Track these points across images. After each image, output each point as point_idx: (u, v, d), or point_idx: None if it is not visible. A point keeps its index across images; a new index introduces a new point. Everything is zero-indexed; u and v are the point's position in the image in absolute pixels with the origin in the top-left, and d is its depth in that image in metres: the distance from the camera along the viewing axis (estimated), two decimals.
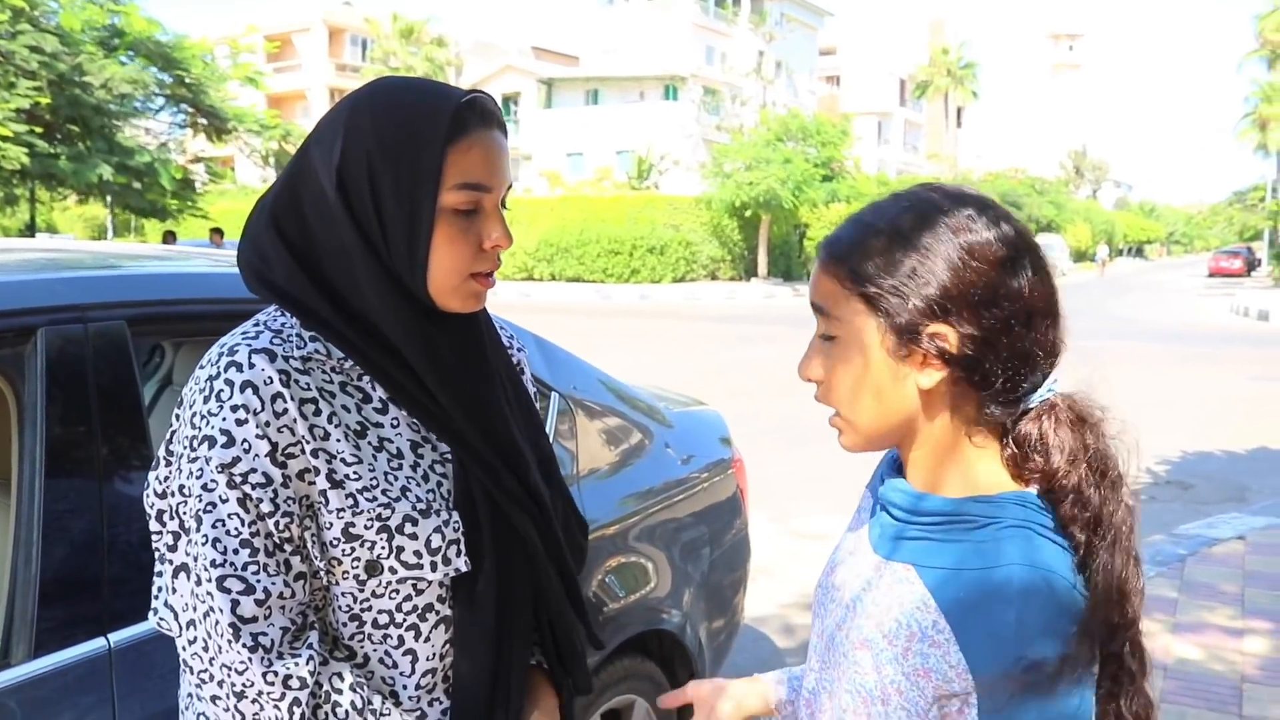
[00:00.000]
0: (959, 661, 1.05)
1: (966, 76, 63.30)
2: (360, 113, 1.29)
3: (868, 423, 1.15)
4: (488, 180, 1.30)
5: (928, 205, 1.13)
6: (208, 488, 1.24)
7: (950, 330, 1.08)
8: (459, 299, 1.33)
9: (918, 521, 1.15)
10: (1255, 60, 47.28)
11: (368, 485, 1.29)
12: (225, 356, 1.27)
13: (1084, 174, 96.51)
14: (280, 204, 1.33)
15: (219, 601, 1.22)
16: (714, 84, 49.93)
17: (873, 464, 1.32)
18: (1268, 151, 51.28)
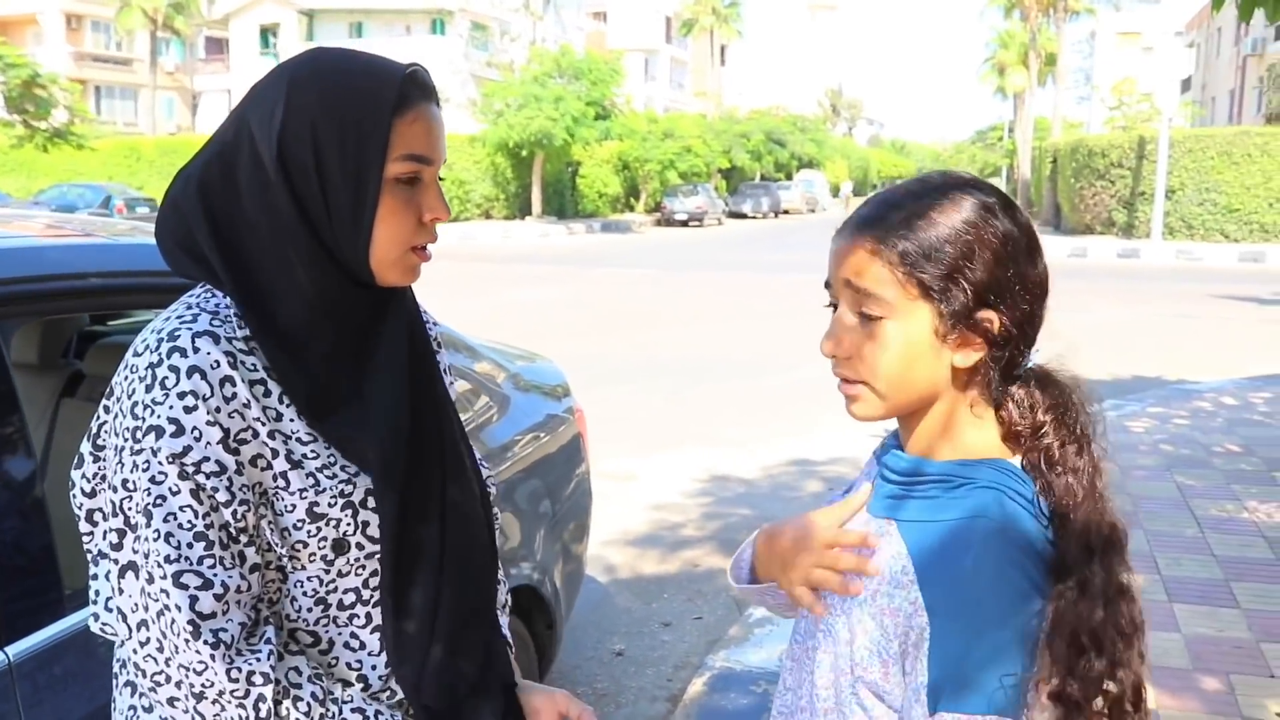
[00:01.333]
0: (917, 598, 1.15)
1: (731, 15, 64.27)
2: (303, 83, 1.27)
3: (898, 396, 1.20)
4: (429, 152, 1.30)
5: (962, 193, 1.20)
6: (156, 480, 1.19)
7: (996, 315, 1.16)
8: (398, 271, 1.32)
9: (900, 481, 1.25)
10: (995, 8, 50.15)
11: (326, 463, 1.27)
12: (166, 342, 1.21)
13: (840, 112, 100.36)
14: (210, 175, 1.28)
15: (175, 599, 1.17)
16: (483, 18, 49.03)
17: (666, 404, 1.38)
18: (1005, 94, 54.74)
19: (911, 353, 1.17)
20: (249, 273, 1.26)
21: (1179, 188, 26.92)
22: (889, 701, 1.18)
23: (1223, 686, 3.55)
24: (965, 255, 1.15)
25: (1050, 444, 1.20)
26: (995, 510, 1.17)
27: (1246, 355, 10.76)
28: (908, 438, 1.26)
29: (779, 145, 55.25)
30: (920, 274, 1.16)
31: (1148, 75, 49.18)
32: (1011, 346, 1.18)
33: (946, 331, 1.17)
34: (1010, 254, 1.17)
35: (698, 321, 13.95)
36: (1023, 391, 1.22)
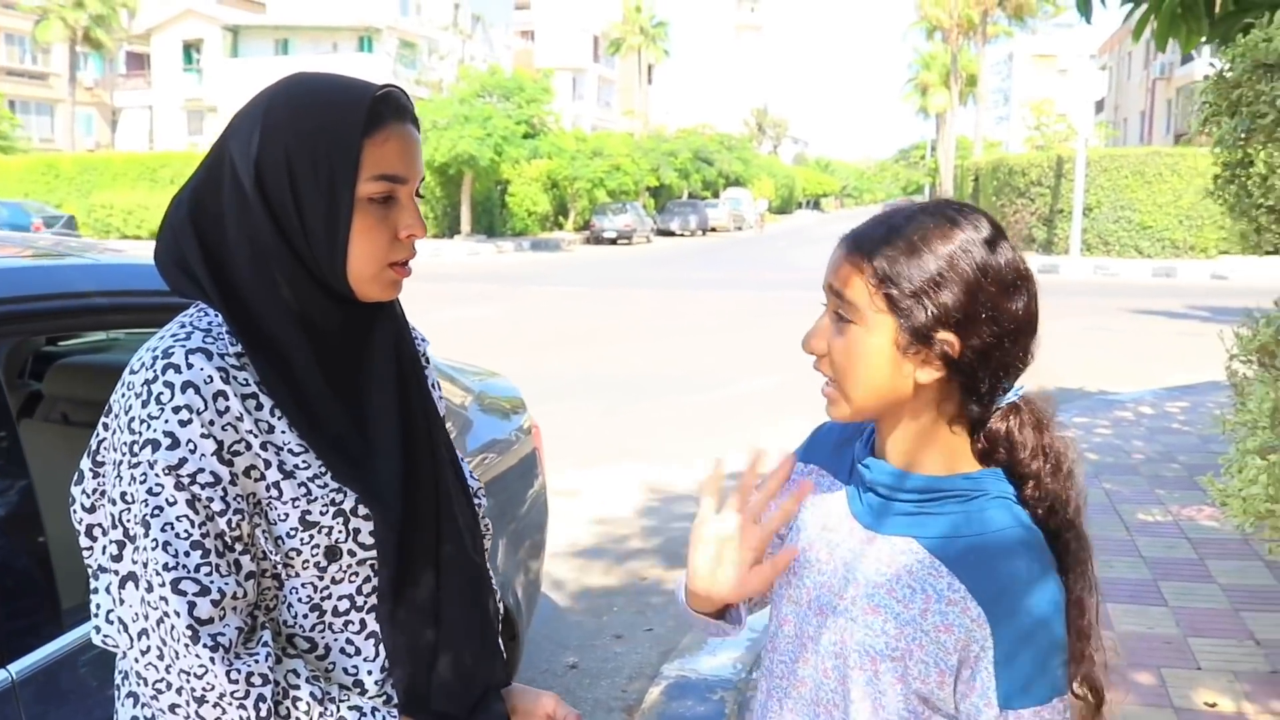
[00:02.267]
0: (978, 614, 1.23)
1: (659, 35, 64.87)
2: (277, 107, 1.32)
3: (862, 400, 1.28)
4: (403, 172, 1.34)
5: (952, 223, 1.26)
6: (153, 491, 1.23)
7: (957, 340, 1.22)
8: (378, 287, 1.37)
9: (904, 497, 1.30)
10: (917, 30, 51.20)
11: (318, 473, 1.32)
12: (161, 359, 1.26)
13: (765, 130, 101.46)
14: (198, 199, 1.34)
15: (174, 605, 1.21)
16: (411, 37, 48.78)
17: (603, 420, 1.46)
18: (928, 114, 55.87)
19: (872, 360, 1.25)
20: (237, 291, 1.31)
21: (1096, 205, 27.68)
22: (942, 708, 1.27)
23: (1155, 680, 3.72)
24: (934, 279, 1.22)
25: (1028, 473, 1.29)
26: (1016, 518, 1.27)
27: (1163, 366, 11.13)
28: (888, 448, 1.32)
29: (706, 163, 55.66)
30: (888, 289, 1.23)
31: (1063, 96, 50.54)
32: (974, 373, 1.24)
33: (906, 346, 1.23)
34: (982, 286, 1.22)
35: (631, 338, 14.04)
36: (1001, 424, 1.29)
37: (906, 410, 1.28)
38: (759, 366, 11.72)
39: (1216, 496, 3.39)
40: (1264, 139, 3.75)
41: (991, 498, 1.28)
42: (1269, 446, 3.30)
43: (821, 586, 1.36)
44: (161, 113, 54.55)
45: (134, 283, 2.12)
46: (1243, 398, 3.46)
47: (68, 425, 2.74)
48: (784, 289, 21.45)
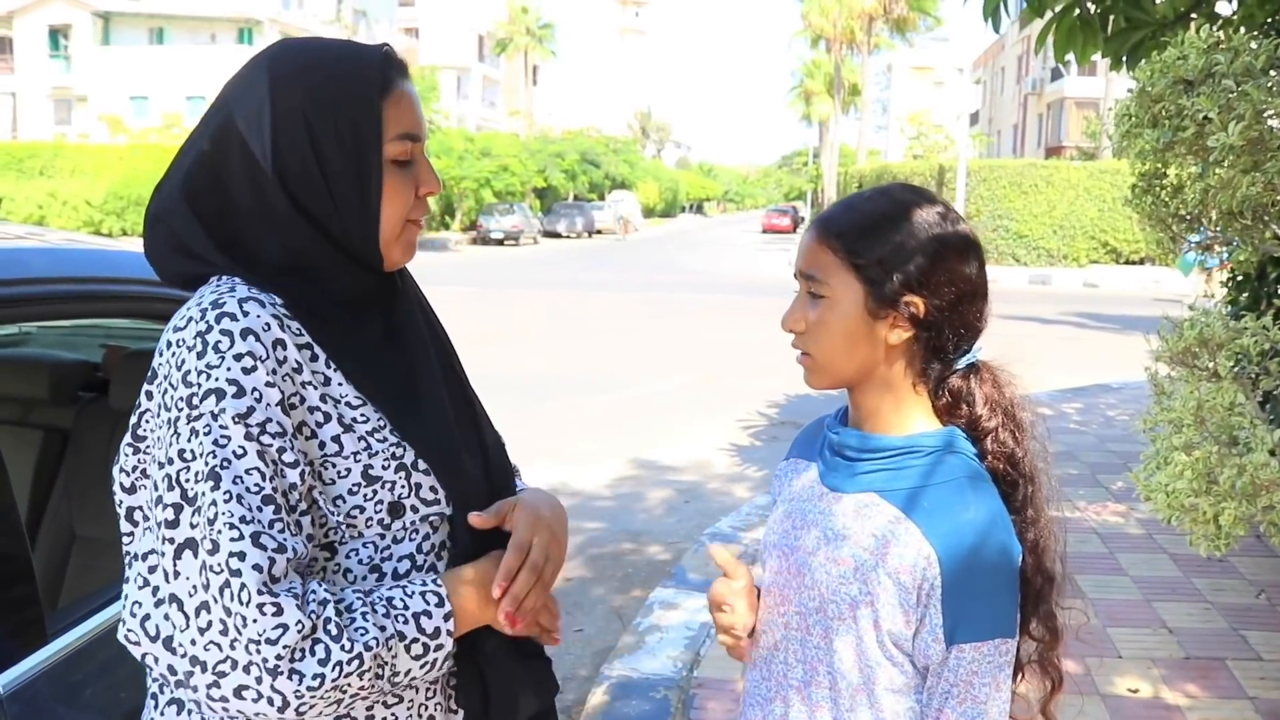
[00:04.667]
0: (929, 553, 1.32)
1: (545, 36, 64.71)
2: (285, 76, 1.27)
3: (838, 367, 1.40)
4: (417, 129, 1.33)
5: (910, 203, 1.40)
6: (219, 443, 1.14)
7: (921, 300, 1.35)
8: (400, 248, 1.34)
9: (867, 457, 1.41)
10: (801, 39, 52.13)
11: (376, 427, 1.27)
12: (212, 310, 1.18)
13: (649, 134, 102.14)
14: (197, 184, 1.28)
15: (252, 559, 1.11)
16: (293, 30, 47.67)
17: (510, 421, 1.51)
18: (811, 121, 56.91)
19: (847, 327, 1.37)
20: (259, 263, 1.27)
21: (975, 214, 28.54)
22: (905, 648, 1.36)
23: (1080, 669, 3.85)
24: (897, 247, 1.36)
25: (986, 428, 1.40)
26: (970, 469, 1.38)
27: (1045, 370, 11.51)
28: (858, 414, 1.44)
29: (593, 166, 55.76)
30: (856, 259, 1.36)
31: (940, 108, 52.04)
32: (938, 330, 1.37)
33: (876, 310, 1.35)
34: (939, 251, 1.36)
35: (528, 339, 13.98)
36: (961, 381, 1.41)
37: (878, 373, 1.39)
38: (658, 367, 11.81)
39: (1142, 491, 3.52)
40: (1183, 151, 3.91)
41: (947, 452, 1.38)
42: (1192, 444, 3.45)
43: (793, 550, 1.46)
44: (26, 100, 52.20)
45: None
46: (1165, 397, 3.60)
47: None
48: (673, 290, 21.64)
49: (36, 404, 2.69)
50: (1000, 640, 1.32)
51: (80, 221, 33.12)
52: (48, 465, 2.65)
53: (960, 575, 1.31)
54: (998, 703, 1.33)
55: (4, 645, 1.59)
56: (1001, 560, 1.33)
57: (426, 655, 1.23)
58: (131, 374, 2.57)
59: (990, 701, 1.33)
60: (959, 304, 1.37)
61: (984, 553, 1.32)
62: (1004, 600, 1.34)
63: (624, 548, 5.81)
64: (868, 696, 1.38)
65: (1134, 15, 5.05)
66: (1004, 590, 1.34)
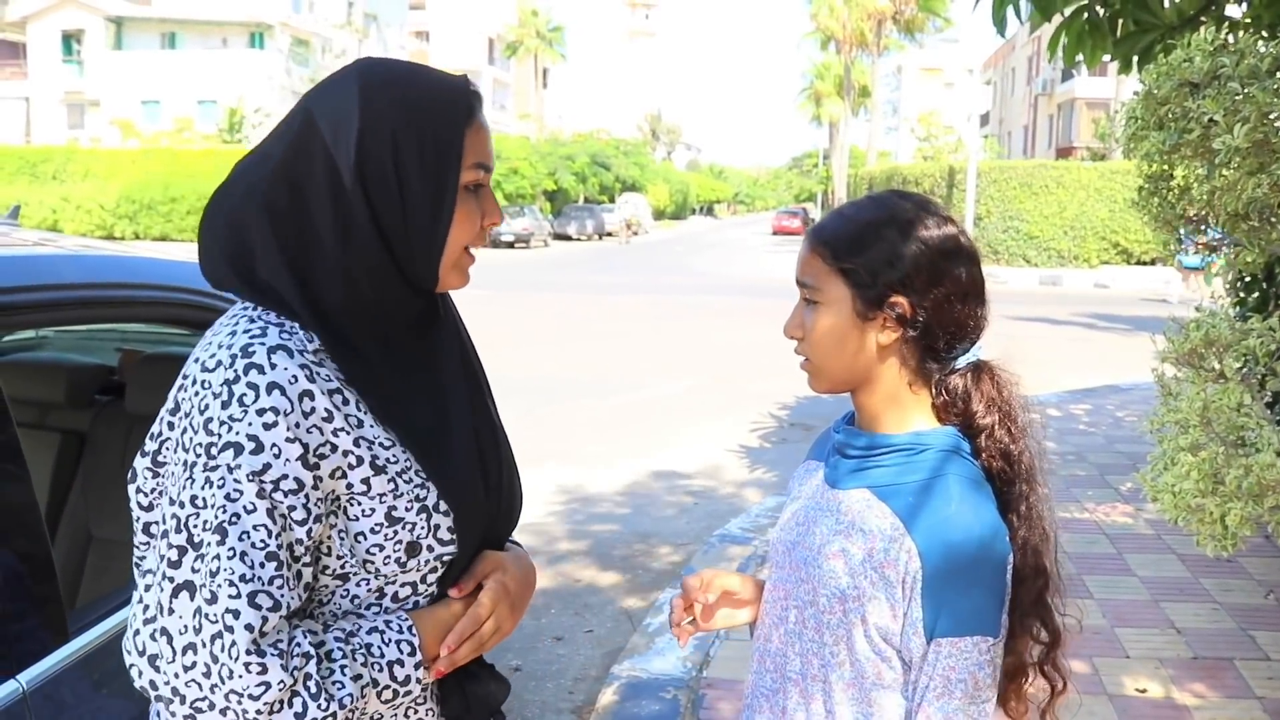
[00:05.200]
0: (910, 547, 1.35)
1: (555, 39, 64.85)
2: (376, 91, 1.30)
3: (835, 370, 1.45)
4: (490, 161, 1.37)
5: (897, 208, 1.44)
6: (231, 497, 1.18)
7: (906, 301, 1.39)
8: (458, 274, 1.38)
9: (868, 455, 1.45)
10: (811, 41, 52.10)
11: (404, 468, 1.30)
12: (241, 358, 1.21)
13: (659, 136, 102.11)
14: (274, 189, 1.29)
15: (245, 619, 1.15)
16: (304, 34, 47.89)
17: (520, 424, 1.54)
18: (821, 123, 56.87)
19: (839, 331, 1.42)
20: (315, 291, 1.28)
21: (985, 215, 28.52)
22: (894, 642, 1.38)
23: (1088, 669, 3.87)
24: (883, 250, 1.40)
25: (982, 425, 1.43)
26: (958, 467, 1.41)
27: (1056, 371, 11.52)
28: (861, 415, 1.48)
29: (603, 168, 55.81)
30: (842, 263, 1.41)
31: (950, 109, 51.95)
32: (926, 330, 1.40)
33: (865, 312, 1.40)
34: (924, 253, 1.40)
35: (537, 342, 14.01)
36: (960, 380, 1.44)
37: (874, 374, 1.43)
38: (667, 370, 11.83)
39: (1149, 491, 3.54)
40: (1189, 153, 3.93)
41: (938, 450, 1.41)
42: (1198, 444, 3.46)
43: (795, 546, 1.51)
44: (39, 105, 52.47)
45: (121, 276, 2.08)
46: (1172, 398, 3.61)
47: None
48: (683, 293, 21.66)
49: (54, 407, 2.73)
50: (980, 638, 1.33)
51: (93, 225, 33.31)
52: (65, 467, 2.69)
53: (940, 570, 1.33)
54: (977, 701, 1.34)
55: (28, 642, 1.62)
56: (984, 557, 1.34)
57: (395, 700, 1.32)
58: (146, 377, 2.61)
59: (969, 699, 1.33)
60: (947, 304, 1.40)
61: (966, 549, 1.34)
62: (986, 598, 1.34)
63: (634, 549, 5.84)
64: (859, 690, 1.40)
65: (1143, 18, 5.06)
66: (986, 588, 1.35)
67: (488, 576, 1.42)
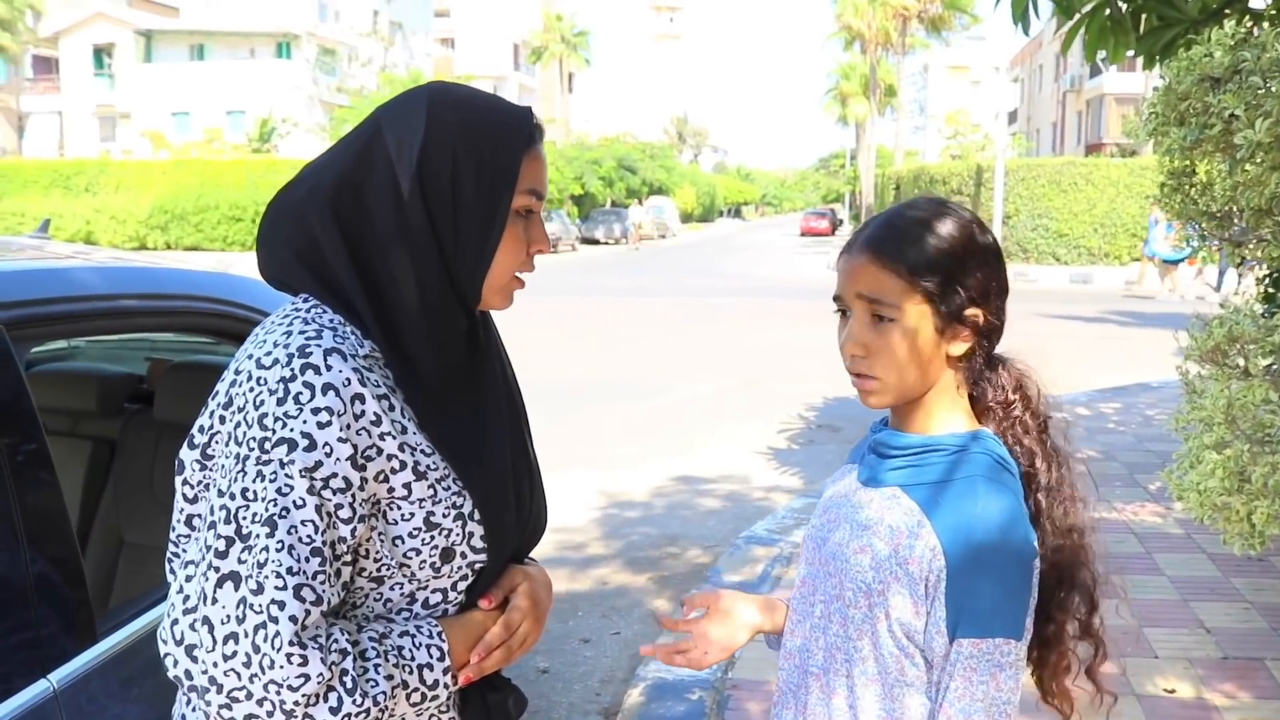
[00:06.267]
0: (935, 545, 1.36)
1: (580, 43, 65.04)
2: (444, 109, 1.36)
3: (908, 385, 1.43)
4: (544, 189, 1.42)
5: (950, 214, 1.45)
6: (282, 492, 1.21)
7: (982, 312, 1.42)
8: (502, 297, 1.43)
9: (901, 453, 1.46)
10: (836, 41, 51.97)
11: (443, 475, 1.35)
12: (298, 358, 1.25)
13: (686, 139, 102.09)
14: (339, 192, 1.34)
15: (290, 610, 1.19)
16: (331, 43, 48.26)
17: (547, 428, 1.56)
18: (847, 123, 56.69)
19: (919, 347, 1.40)
20: (379, 293, 1.33)
21: (1014, 214, 28.32)
22: (917, 640, 1.39)
23: (1116, 669, 3.85)
24: (958, 265, 1.40)
25: (1019, 416, 1.47)
26: (989, 467, 1.41)
27: (1088, 369, 11.45)
28: (904, 418, 1.48)
29: (630, 172, 55.85)
30: (924, 282, 1.39)
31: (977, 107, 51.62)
32: (990, 336, 1.44)
33: (943, 327, 1.40)
34: (989, 262, 1.43)
35: (568, 346, 14.04)
36: (1000, 374, 1.48)
37: (936, 383, 1.44)
38: (696, 372, 11.83)
39: (1175, 490, 3.52)
40: (1211, 148, 3.91)
41: (971, 452, 1.42)
42: (1223, 442, 3.44)
43: (824, 541, 1.52)
44: (72, 118, 53.16)
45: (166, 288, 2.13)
46: (1196, 395, 3.60)
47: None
48: (713, 295, 21.64)
49: (85, 415, 2.78)
50: (1002, 640, 1.33)
51: (126, 236, 33.69)
52: (97, 474, 2.74)
53: (964, 569, 1.34)
54: (998, 703, 1.34)
55: (57, 644, 1.66)
56: (1009, 557, 1.35)
57: (423, 702, 1.36)
58: (175, 386, 2.66)
59: (989, 700, 1.33)
60: (1003, 308, 1.45)
61: (990, 547, 1.34)
62: (1009, 599, 1.34)
63: (662, 551, 5.86)
64: (882, 686, 1.41)
65: (1166, 13, 5.02)
66: (1010, 588, 1.35)
67: (515, 589, 1.47)
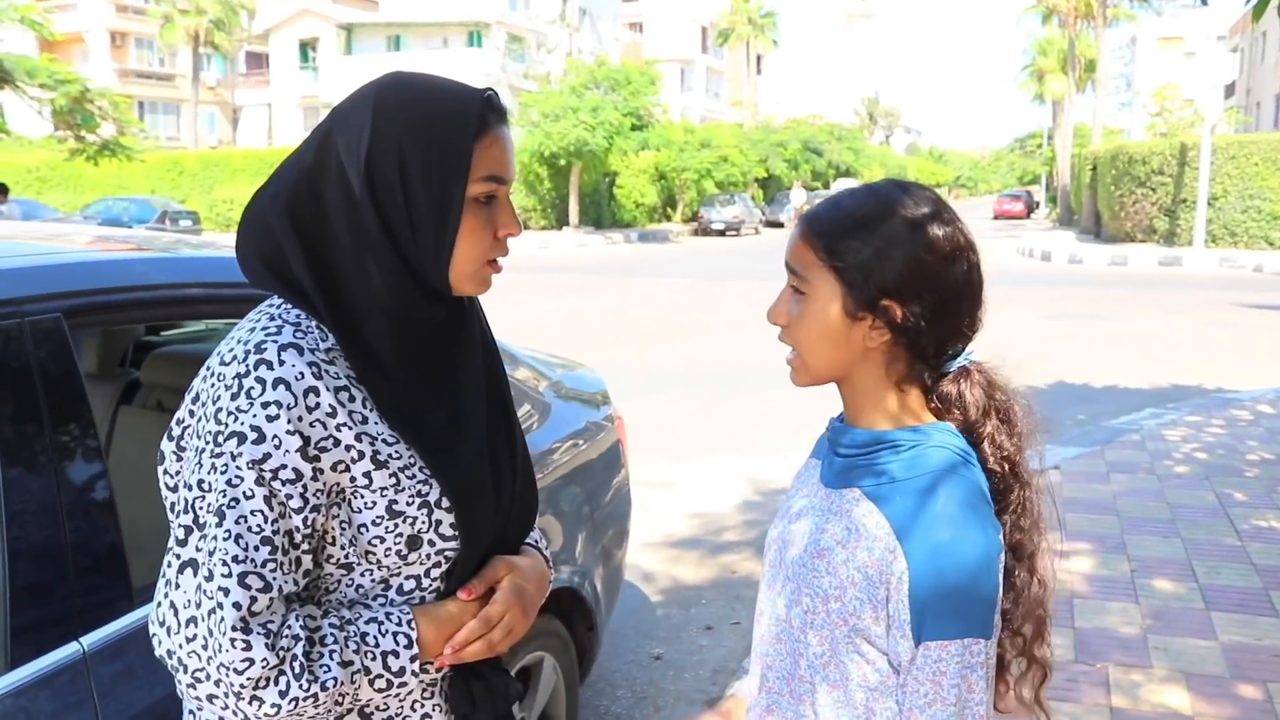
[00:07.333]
0: (895, 546, 1.30)
1: (767, 25, 64.35)
2: (388, 105, 1.35)
3: (818, 365, 1.39)
4: (505, 172, 1.39)
5: (895, 202, 1.37)
6: (232, 483, 1.25)
7: (898, 306, 1.33)
8: (475, 283, 1.41)
9: (854, 452, 1.40)
10: (1033, 15, 49.86)
11: (407, 464, 1.35)
12: (253, 354, 1.28)
13: (877, 120, 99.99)
14: (297, 194, 1.36)
15: (234, 597, 1.23)
16: (519, 30, 49.37)
17: (704, 412, 1.47)
18: (1044, 101, 54.38)
19: (825, 326, 1.36)
20: (337, 289, 1.34)
21: (1222, 195, 26.59)
22: (880, 646, 1.33)
23: (1260, 694, 3.56)
24: (877, 251, 1.33)
25: (982, 433, 1.38)
26: (949, 462, 1.34)
27: None
28: (847, 410, 1.44)
29: (816, 154, 55.15)
30: (835, 262, 1.34)
31: (1190, 81, 48.62)
32: (918, 335, 1.34)
33: (854, 311, 1.34)
34: (922, 256, 1.33)
35: (734, 331, 13.96)
36: (952, 386, 1.38)
37: (859, 372, 1.39)
38: None
39: None
40: None
41: (927, 446, 1.35)
42: None
43: (787, 544, 1.46)
44: (279, 110, 56.16)
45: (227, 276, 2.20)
46: None
47: (162, 412, 2.84)
48: None
49: None
50: (971, 640, 1.27)
51: None
52: None
53: (926, 570, 1.27)
54: (970, 704, 1.28)
55: (92, 608, 1.74)
56: (973, 556, 1.28)
57: (390, 689, 1.37)
58: None
59: (961, 703, 1.27)
60: (941, 309, 1.34)
61: (953, 547, 1.27)
62: (975, 599, 1.28)
63: None
64: (844, 692, 1.35)
65: None
66: (975, 588, 1.28)
67: (500, 580, 1.47)
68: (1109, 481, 6.27)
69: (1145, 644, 4.04)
